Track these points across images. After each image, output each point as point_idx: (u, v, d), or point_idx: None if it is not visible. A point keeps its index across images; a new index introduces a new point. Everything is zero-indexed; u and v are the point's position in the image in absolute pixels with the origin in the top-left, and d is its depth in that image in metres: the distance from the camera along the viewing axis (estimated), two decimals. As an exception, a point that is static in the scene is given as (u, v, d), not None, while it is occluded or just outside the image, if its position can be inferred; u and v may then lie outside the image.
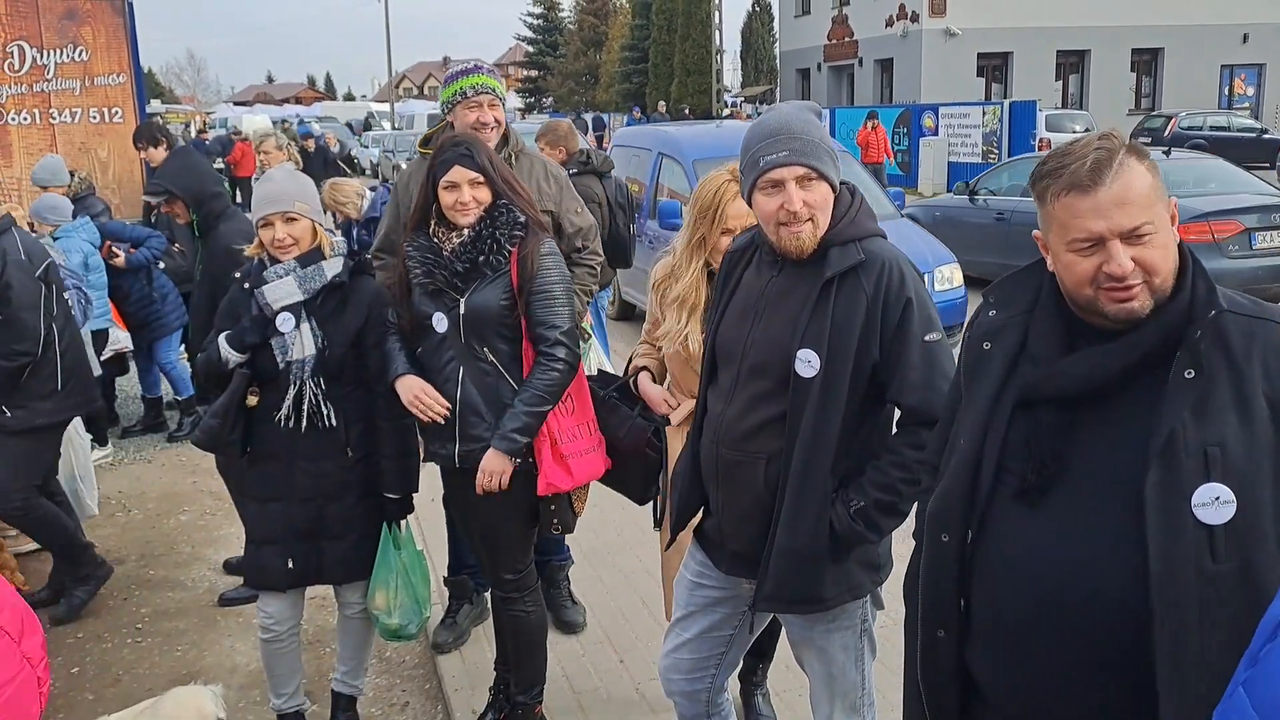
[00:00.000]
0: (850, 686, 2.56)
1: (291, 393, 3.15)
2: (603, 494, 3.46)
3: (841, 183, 2.38)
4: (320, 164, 14.56)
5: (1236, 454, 1.53)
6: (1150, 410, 1.56)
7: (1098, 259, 1.58)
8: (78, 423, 5.03)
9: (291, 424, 3.16)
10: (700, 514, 2.61)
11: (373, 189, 7.90)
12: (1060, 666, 1.63)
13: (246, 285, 3.23)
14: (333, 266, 3.20)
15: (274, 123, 37.23)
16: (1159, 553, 1.52)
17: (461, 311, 3.04)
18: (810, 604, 2.41)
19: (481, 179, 3.04)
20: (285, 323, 3.15)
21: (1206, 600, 1.52)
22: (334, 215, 6.99)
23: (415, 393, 3.05)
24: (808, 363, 2.27)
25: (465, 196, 3.02)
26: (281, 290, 3.14)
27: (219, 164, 18.41)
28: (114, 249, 6.50)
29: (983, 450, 1.71)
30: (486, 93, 3.61)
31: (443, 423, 3.07)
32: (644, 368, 3.24)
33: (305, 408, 3.16)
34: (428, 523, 5.28)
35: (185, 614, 4.57)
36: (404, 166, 3.28)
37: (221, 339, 3.20)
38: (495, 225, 3.04)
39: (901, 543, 2.38)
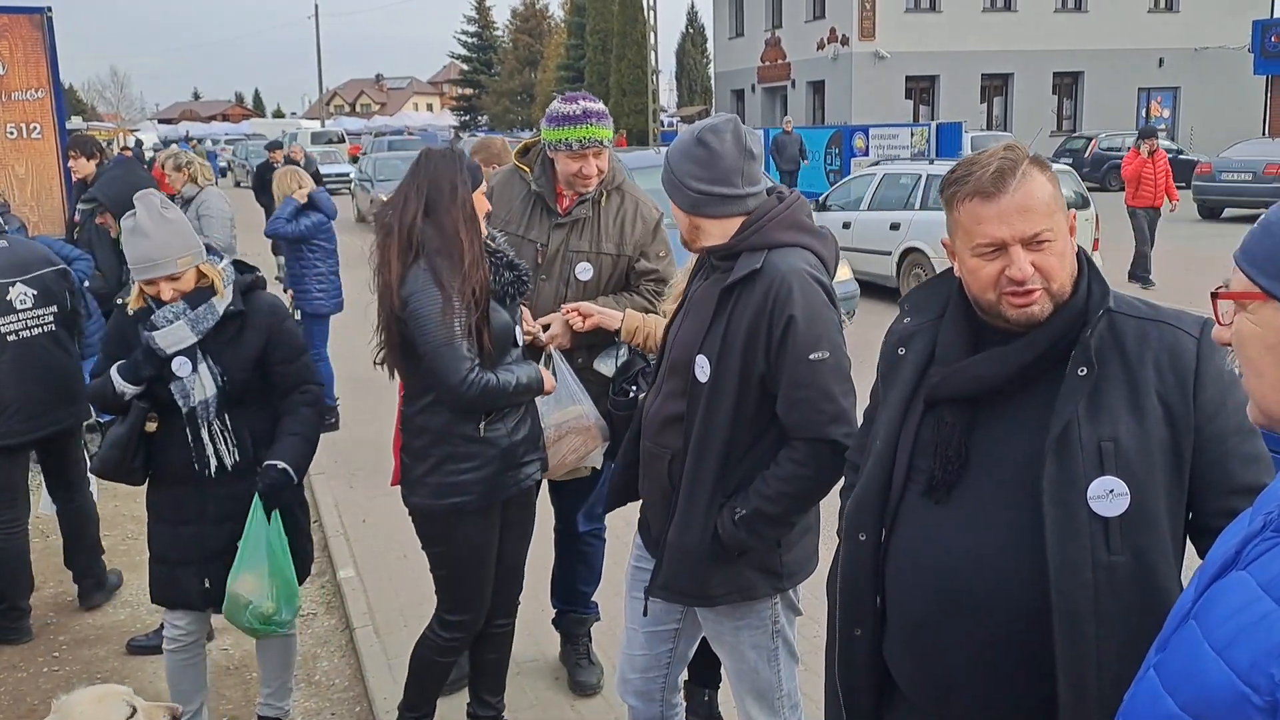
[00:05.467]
0: (765, 685, 2.59)
1: (204, 434, 3.07)
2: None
3: (770, 189, 2.45)
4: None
5: (1130, 449, 1.60)
6: (1048, 408, 1.62)
7: (1000, 263, 1.65)
8: None
9: (209, 467, 3.09)
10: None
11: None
12: (965, 658, 1.68)
13: (130, 313, 3.10)
14: (224, 300, 3.09)
15: (167, 141, 36.93)
16: (1056, 543, 1.58)
17: (522, 313, 3.16)
18: (698, 599, 2.49)
19: None
20: (182, 367, 3.04)
21: (1101, 590, 1.58)
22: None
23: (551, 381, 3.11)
24: (702, 368, 2.36)
25: (489, 204, 3.09)
26: (173, 336, 3.02)
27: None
28: None
29: (895, 451, 1.77)
30: (594, 145, 3.31)
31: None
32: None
33: (214, 447, 3.08)
34: (359, 544, 5.22)
35: (105, 640, 4.44)
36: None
37: (114, 372, 3.09)
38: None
39: (824, 543, 2.43)
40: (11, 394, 4.23)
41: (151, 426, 3.11)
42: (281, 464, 3.10)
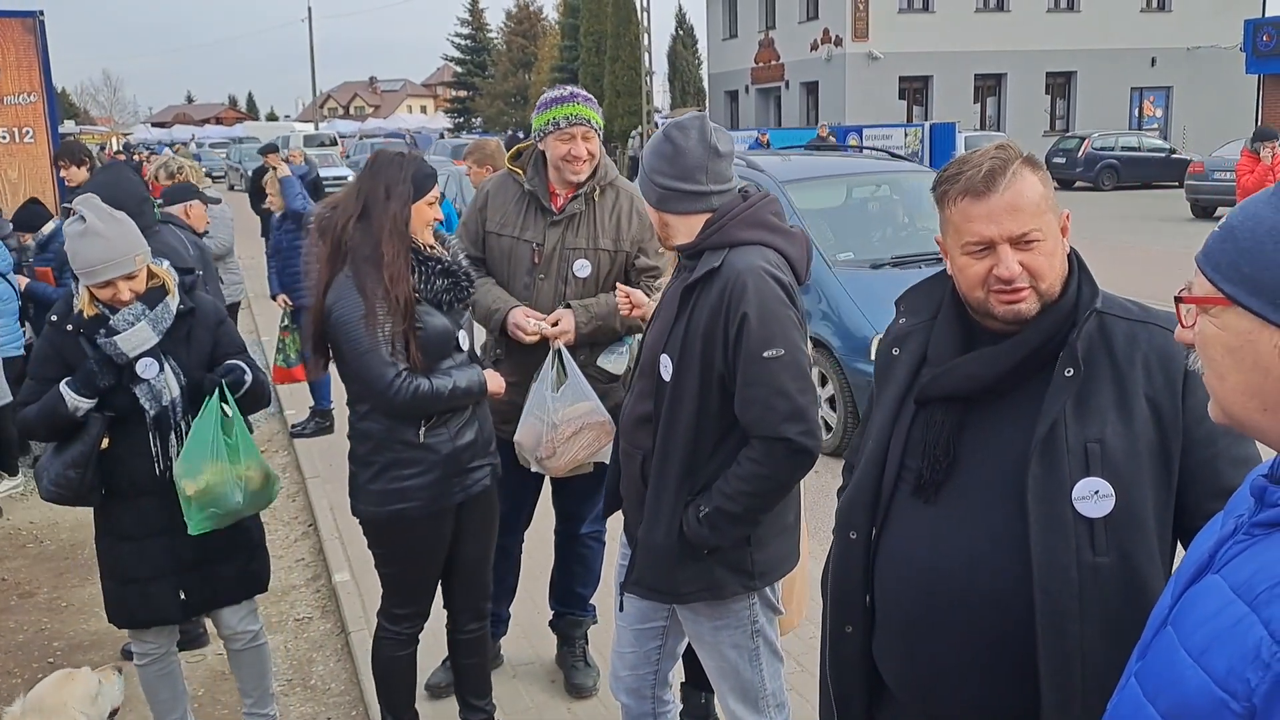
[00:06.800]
0: (748, 684, 2.59)
1: (173, 436, 3.04)
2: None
3: (740, 189, 2.46)
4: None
5: (1116, 450, 1.60)
6: (1038, 408, 1.63)
7: (988, 262, 1.65)
8: None
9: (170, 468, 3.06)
10: None
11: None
12: (951, 657, 1.69)
13: (70, 328, 3.00)
14: (175, 299, 3.08)
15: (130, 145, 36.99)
16: (1040, 544, 1.58)
17: (467, 316, 3.16)
18: (667, 595, 2.51)
19: None
20: (149, 369, 2.99)
21: (1087, 591, 1.58)
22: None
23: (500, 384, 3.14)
24: (665, 367, 2.38)
25: (439, 212, 3.04)
26: (137, 338, 2.97)
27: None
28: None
29: (887, 450, 1.77)
30: (580, 124, 3.31)
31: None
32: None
33: (180, 449, 3.04)
34: (354, 547, 5.20)
35: (100, 646, 4.42)
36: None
37: (65, 387, 2.94)
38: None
39: (812, 537, 2.43)
40: None
41: (104, 443, 3.03)
42: (238, 362, 3.13)
